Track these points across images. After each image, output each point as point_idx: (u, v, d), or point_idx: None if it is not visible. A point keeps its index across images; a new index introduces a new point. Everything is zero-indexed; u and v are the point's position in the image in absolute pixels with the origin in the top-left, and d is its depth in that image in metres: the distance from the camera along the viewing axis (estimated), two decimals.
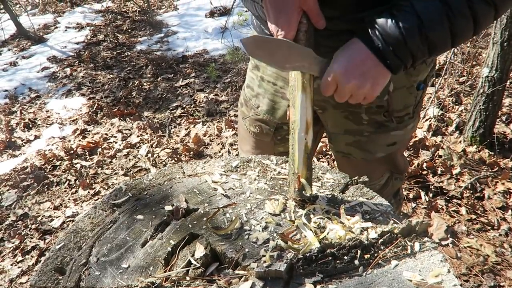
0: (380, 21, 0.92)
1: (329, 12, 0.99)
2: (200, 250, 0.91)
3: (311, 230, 0.93)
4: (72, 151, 3.59)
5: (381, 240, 0.87)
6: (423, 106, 3.41)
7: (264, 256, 0.88)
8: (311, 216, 0.98)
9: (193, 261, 0.89)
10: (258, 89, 1.43)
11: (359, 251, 0.84)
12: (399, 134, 1.35)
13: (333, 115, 1.33)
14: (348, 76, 0.95)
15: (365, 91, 0.97)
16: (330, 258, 0.83)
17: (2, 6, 6.41)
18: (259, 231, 0.95)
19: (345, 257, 0.84)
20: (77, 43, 6.07)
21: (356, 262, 0.83)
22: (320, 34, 1.02)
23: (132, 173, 3.26)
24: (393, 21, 0.90)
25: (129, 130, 3.87)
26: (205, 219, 0.99)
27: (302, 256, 0.83)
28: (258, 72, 1.41)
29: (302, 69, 0.99)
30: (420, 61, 0.98)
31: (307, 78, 1.00)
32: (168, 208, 1.03)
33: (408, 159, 2.92)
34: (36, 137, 3.97)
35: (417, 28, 0.90)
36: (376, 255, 0.85)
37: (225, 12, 6.27)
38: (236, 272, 0.86)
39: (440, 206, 2.54)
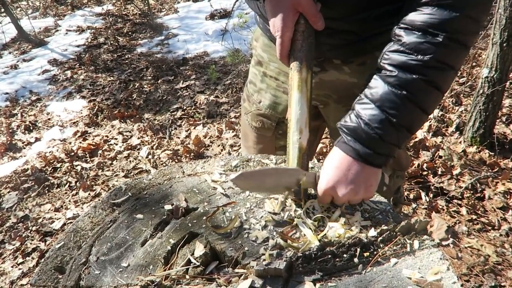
0: (351, 126, 0.92)
1: (330, 13, 1.00)
2: (199, 249, 0.91)
3: (310, 228, 0.94)
4: (72, 153, 3.59)
5: (380, 238, 0.87)
6: None
7: (263, 254, 0.88)
8: (311, 214, 0.99)
9: (192, 260, 0.90)
10: (260, 84, 1.44)
11: (358, 249, 0.84)
12: None
13: (335, 109, 1.33)
14: (340, 189, 0.94)
15: (360, 195, 0.96)
16: (329, 256, 0.83)
17: (3, 10, 6.43)
18: (259, 229, 0.95)
19: (345, 255, 0.84)
20: (78, 46, 6.08)
21: (356, 260, 0.83)
22: (320, 33, 1.03)
23: (133, 175, 3.26)
24: (363, 124, 0.90)
25: (130, 132, 3.88)
26: (204, 218, 1.00)
27: (301, 254, 0.83)
28: (261, 68, 1.43)
29: (295, 187, 0.99)
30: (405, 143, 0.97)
31: (304, 77, 1.00)
32: (167, 207, 1.03)
33: None
34: (37, 139, 3.98)
35: (388, 121, 0.89)
36: (375, 253, 0.85)
37: (225, 14, 6.29)
38: (236, 270, 0.86)
39: (440, 207, 2.53)
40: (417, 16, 0.87)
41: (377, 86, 0.90)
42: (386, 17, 1.04)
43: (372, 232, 0.90)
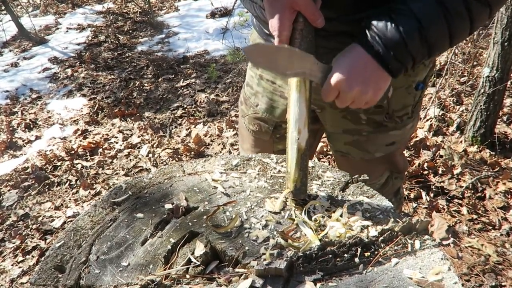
0: (380, 25, 0.92)
1: (326, 13, 0.99)
2: (200, 248, 0.91)
3: (311, 228, 0.93)
4: (73, 152, 3.59)
5: (381, 238, 0.87)
6: (424, 106, 3.41)
7: (264, 254, 0.88)
8: (312, 214, 0.98)
9: (193, 259, 0.89)
10: (257, 88, 1.43)
11: (359, 249, 0.84)
12: (398, 134, 1.35)
13: (331, 114, 1.33)
14: (351, 83, 0.94)
15: (367, 97, 0.97)
16: (330, 256, 0.83)
17: (3, 7, 6.42)
18: (259, 229, 0.95)
19: (345, 255, 0.83)
20: (78, 44, 6.08)
21: (356, 260, 0.83)
22: (317, 35, 1.02)
23: (133, 173, 3.26)
24: (393, 24, 0.90)
25: (130, 130, 3.87)
26: (205, 217, 0.99)
27: (302, 254, 0.83)
28: (257, 71, 1.41)
29: (303, 76, 0.98)
30: (420, 63, 0.98)
31: (302, 78, 0.99)
32: (168, 206, 1.03)
33: (409, 159, 2.92)
34: (37, 137, 3.98)
35: (417, 30, 0.90)
36: (376, 253, 0.84)
37: (226, 13, 6.28)
38: (236, 270, 0.86)
39: (441, 206, 2.53)
40: None
41: None
42: None
43: (373, 232, 0.89)
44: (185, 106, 4.16)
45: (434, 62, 1.34)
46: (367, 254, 0.84)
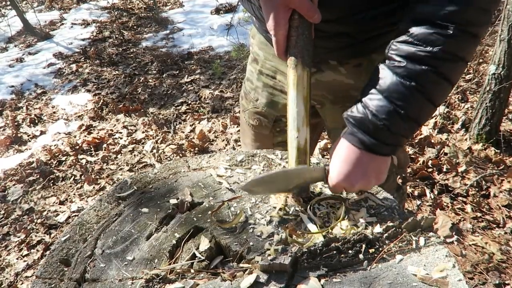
0: (358, 117, 0.90)
1: (325, 15, 0.98)
2: (204, 243, 0.92)
3: (315, 224, 0.93)
4: (77, 147, 3.61)
5: (386, 234, 0.87)
6: None
7: (268, 249, 0.88)
8: (316, 210, 0.98)
9: (197, 254, 0.90)
10: (257, 82, 1.43)
11: (364, 245, 0.84)
12: None
13: (332, 110, 1.32)
14: (351, 181, 0.93)
15: (372, 184, 0.96)
16: (334, 252, 0.83)
17: (8, 3, 6.44)
18: (264, 225, 0.95)
19: (350, 251, 0.83)
20: (83, 40, 6.09)
21: (361, 256, 0.83)
22: (317, 36, 1.01)
23: (137, 169, 3.27)
24: (370, 115, 0.88)
25: (134, 126, 3.88)
26: (209, 212, 1.00)
27: (306, 250, 0.83)
28: (257, 66, 1.41)
29: (307, 184, 0.99)
30: (413, 133, 0.96)
31: (299, 74, 0.96)
32: (173, 201, 1.04)
33: (413, 156, 2.91)
34: (42, 132, 4.00)
35: (395, 113, 0.87)
36: (381, 249, 0.85)
37: (230, 9, 6.26)
38: (241, 265, 0.86)
39: (445, 204, 2.52)
40: (425, 8, 0.85)
41: (385, 77, 0.89)
42: (381, 18, 1.02)
43: (378, 229, 0.89)
44: (189, 102, 4.17)
45: None
46: (371, 250, 0.84)
